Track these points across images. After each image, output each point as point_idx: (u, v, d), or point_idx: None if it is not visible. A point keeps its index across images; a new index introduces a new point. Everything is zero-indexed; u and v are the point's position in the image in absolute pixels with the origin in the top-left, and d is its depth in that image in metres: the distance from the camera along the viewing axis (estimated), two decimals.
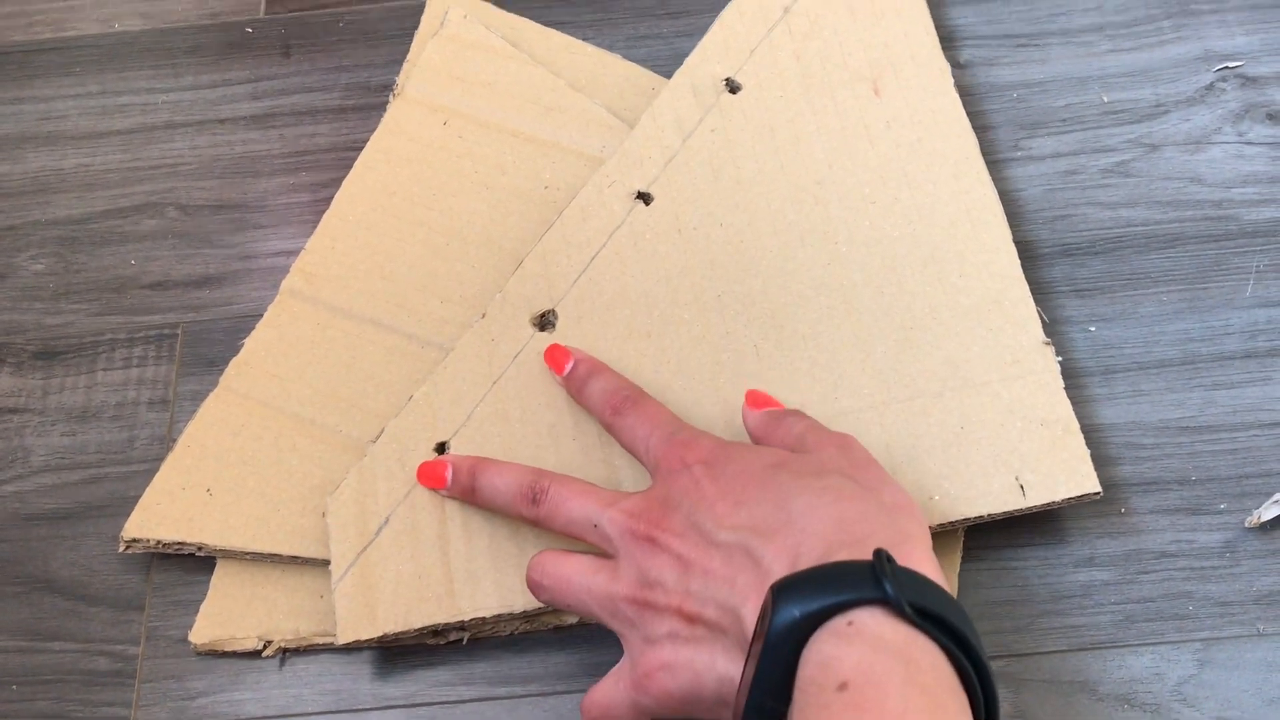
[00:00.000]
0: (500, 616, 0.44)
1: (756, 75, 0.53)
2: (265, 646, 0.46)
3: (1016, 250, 0.50)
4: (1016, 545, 0.47)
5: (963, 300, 0.48)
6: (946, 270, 0.49)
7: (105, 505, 0.49)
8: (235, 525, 0.47)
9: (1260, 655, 0.44)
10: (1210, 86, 0.56)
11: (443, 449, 0.47)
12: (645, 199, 0.51)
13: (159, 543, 0.47)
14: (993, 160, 0.53)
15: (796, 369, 0.47)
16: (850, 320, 0.48)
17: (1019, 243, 0.50)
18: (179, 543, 0.47)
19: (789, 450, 0.43)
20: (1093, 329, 0.51)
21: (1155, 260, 0.52)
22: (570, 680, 0.45)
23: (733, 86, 0.53)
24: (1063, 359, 0.48)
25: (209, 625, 0.46)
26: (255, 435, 0.48)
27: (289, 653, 0.46)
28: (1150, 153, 0.54)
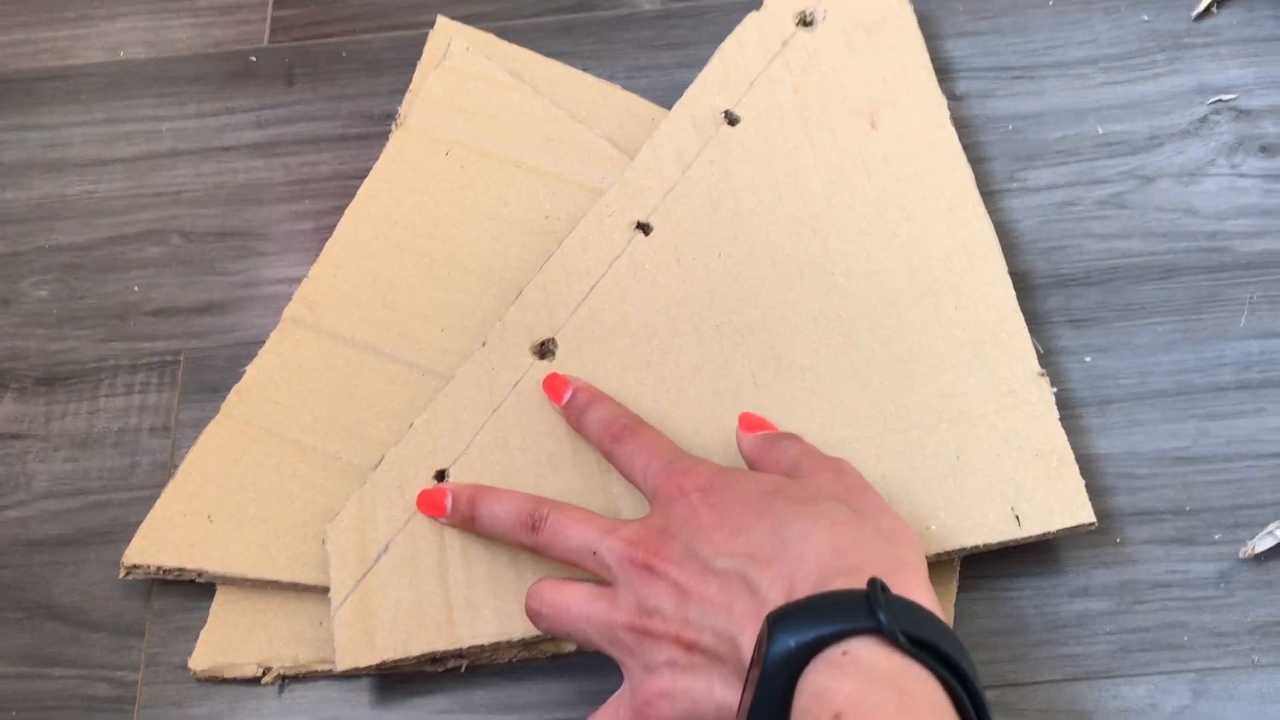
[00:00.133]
0: (499, 644, 0.45)
1: (755, 108, 0.54)
2: (265, 673, 0.46)
3: (1012, 281, 0.50)
4: (1012, 575, 0.47)
5: (959, 332, 0.49)
6: (943, 302, 0.49)
7: (106, 531, 0.49)
8: (236, 552, 0.47)
9: (1255, 686, 0.45)
10: (1204, 119, 0.56)
11: (442, 477, 0.47)
12: (645, 229, 0.52)
13: (159, 569, 0.47)
14: (989, 192, 0.54)
15: (794, 399, 0.48)
16: (847, 351, 0.49)
17: (1015, 274, 0.51)
18: (179, 569, 0.47)
19: (784, 474, 0.43)
20: (1088, 359, 0.51)
21: (1150, 291, 0.52)
22: (569, 708, 0.45)
23: (732, 119, 0.54)
24: (1058, 389, 0.48)
25: (209, 652, 0.46)
26: (256, 462, 0.49)
27: (288, 679, 0.46)
28: (1145, 185, 0.55)
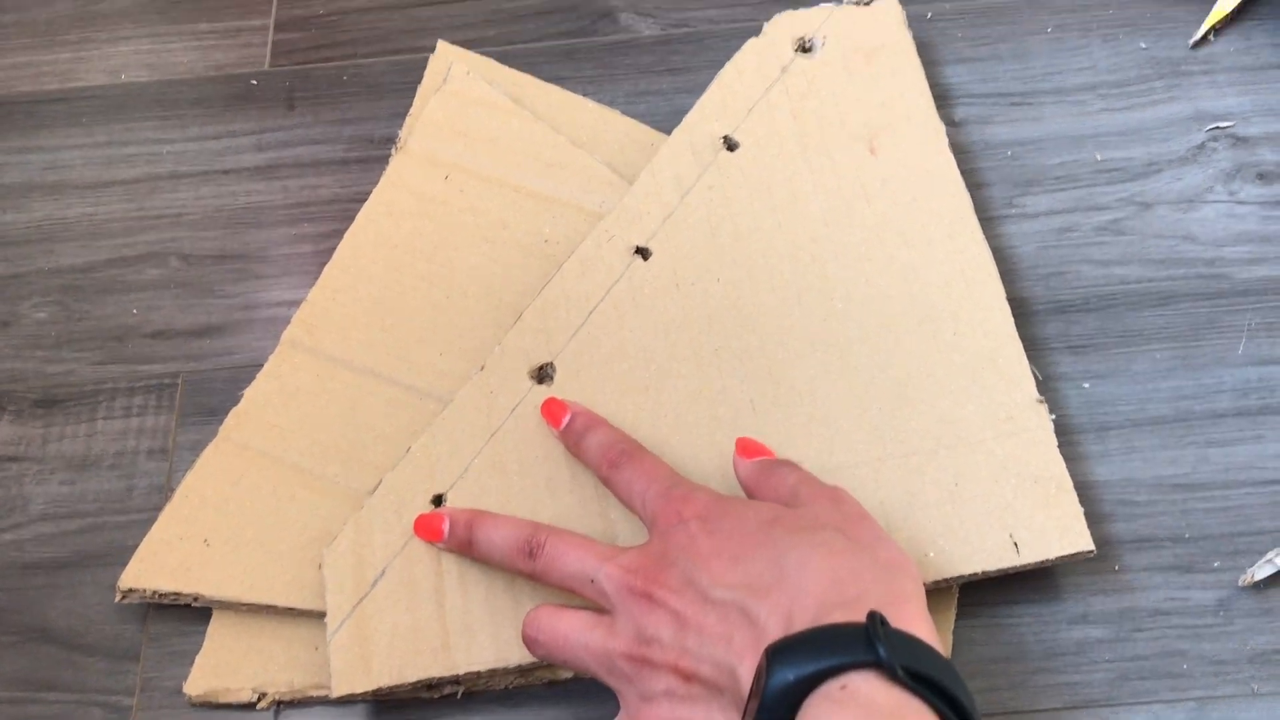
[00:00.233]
0: (495, 671, 0.44)
1: (754, 133, 0.54)
2: (260, 699, 0.46)
3: (1010, 307, 0.50)
4: (1011, 602, 0.47)
5: (957, 357, 0.49)
6: (941, 327, 0.49)
7: (103, 554, 0.49)
8: (232, 576, 0.47)
9: (1255, 715, 0.44)
10: (1202, 146, 0.56)
11: (440, 501, 0.47)
12: (644, 254, 0.52)
13: (155, 593, 0.47)
14: (987, 218, 0.54)
15: (793, 424, 0.48)
16: (846, 377, 0.49)
17: (1013, 299, 0.51)
18: (175, 593, 0.47)
19: (782, 502, 0.43)
20: (1086, 386, 0.51)
21: (1148, 318, 0.52)
22: None
23: (731, 144, 0.54)
24: (1056, 416, 0.48)
25: (204, 676, 0.46)
26: (254, 486, 0.49)
27: (283, 705, 0.46)
28: (1143, 211, 0.55)
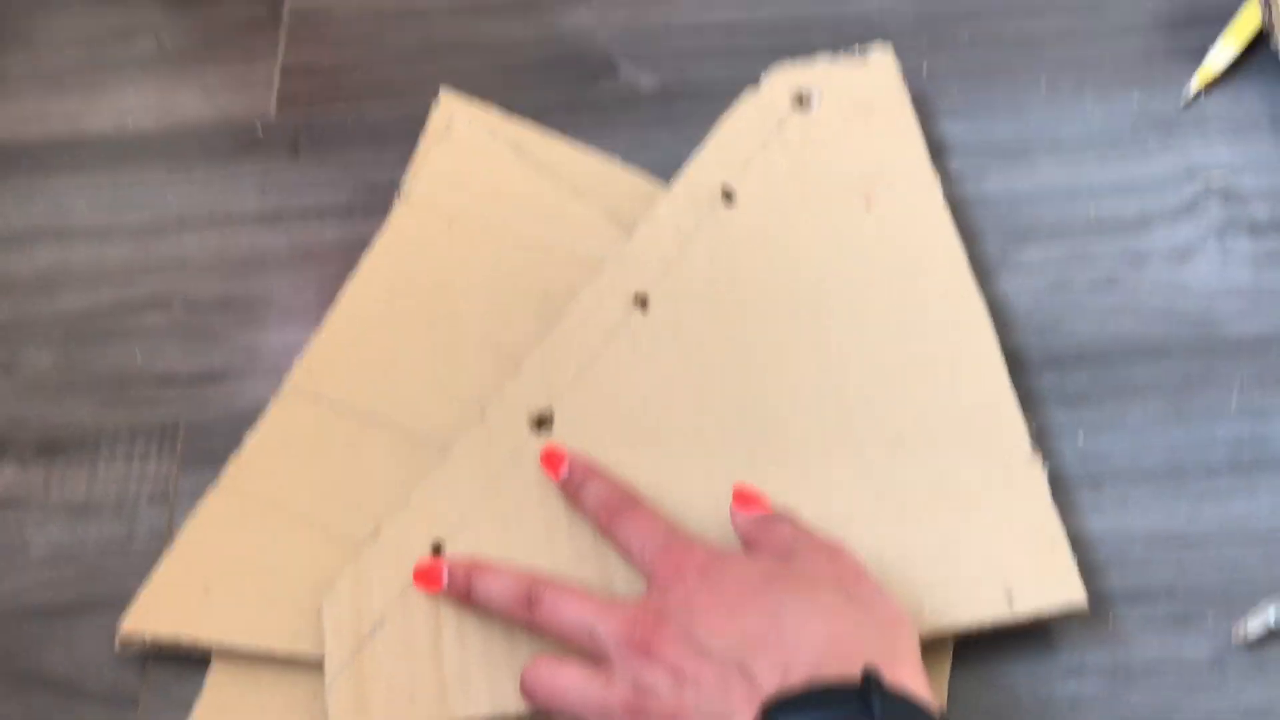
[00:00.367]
0: None
1: (752, 186, 0.55)
2: None
3: (1005, 360, 0.51)
4: (1005, 655, 0.47)
5: (952, 410, 0.49)
6: (936, 380, 0.50)
7: (102, 601, 0.49)
8: (232, 623, 0.47)
9: None
10: (1194, 200, 0.57)
11: (439, 549, 0.47)
12: (643, 304, 0.52)
13: (155, 639, 0.47)
14: (982, 270, 0.54)
15: (789, 476, 0.48)
16: (842, 429, 0.49)
17: (1007, 352, 0.51)
18: (175, 640, 0.47)
19: (779, 555, 0.43)
20: (1080, 438, 0.51)
21: (1142, 370, 0.53)
22: None
23: (729, 197, 0.55)
24: (1050, 468, 0.49)
25: None
26: (254, 533, 0.49)
27: None
28: (1137, 264, 0.55)
